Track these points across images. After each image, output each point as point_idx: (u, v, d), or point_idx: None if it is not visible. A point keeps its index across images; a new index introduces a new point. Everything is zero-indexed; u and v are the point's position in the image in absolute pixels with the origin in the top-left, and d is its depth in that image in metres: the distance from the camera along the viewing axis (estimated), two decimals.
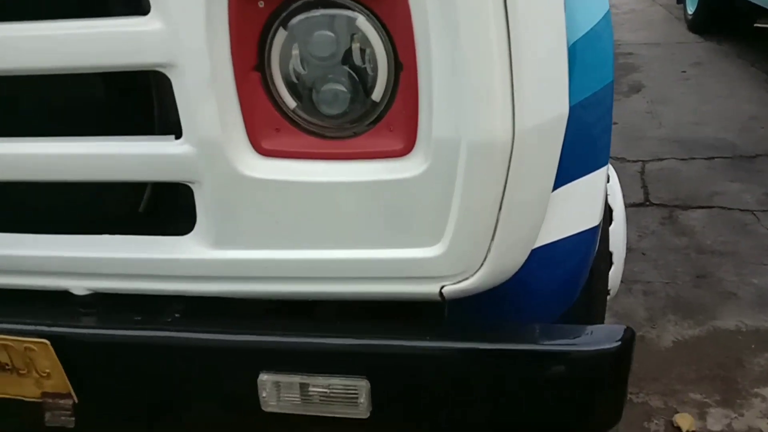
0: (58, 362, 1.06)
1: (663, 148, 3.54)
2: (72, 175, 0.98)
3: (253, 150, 0.93)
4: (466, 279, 0.95)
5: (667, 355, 2.02)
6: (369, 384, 0.99)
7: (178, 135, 0.92)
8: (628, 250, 2.64)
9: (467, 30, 0.79)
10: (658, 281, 2.38)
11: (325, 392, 1.00)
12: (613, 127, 1.26)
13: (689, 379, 1.94)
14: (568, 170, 1.07)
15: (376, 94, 0.88)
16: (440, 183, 0.89)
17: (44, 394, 1.10)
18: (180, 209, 1.00)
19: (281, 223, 0.96)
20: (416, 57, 0.84)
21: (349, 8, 0.85)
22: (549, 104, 0.87)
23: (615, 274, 1.67)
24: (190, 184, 0.96)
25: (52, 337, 1.04)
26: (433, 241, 0.93)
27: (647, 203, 2.96)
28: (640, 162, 3.37)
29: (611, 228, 1.62)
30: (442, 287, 0.96)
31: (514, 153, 0.85)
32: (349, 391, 0.99)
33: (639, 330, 2.13)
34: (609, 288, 1.69)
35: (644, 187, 3.11)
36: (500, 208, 0.89)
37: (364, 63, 0.87)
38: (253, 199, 0.95)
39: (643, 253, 2.59)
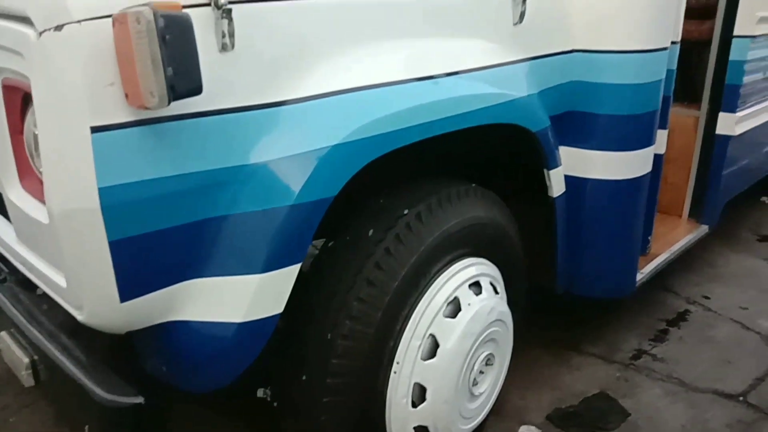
0: None
1: None
2: None
3: (19, 185, 1.43)
4: (82, 314, 1.29)
5: None
6: (31, 362, 1.40)
7: None
8: None
9: None
10: None
11: (18, 359, 1.44)
12: None
13: None
14: (198, 267, 1.30)
15: None
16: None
17: None
18: None
19: (33, 238, 1.44)
20: None
21: None
22: (67, 199, 1.17)
23: (430, 412, 1.63)
24: None
25: None
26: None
27: None
28: None
29: (430, 362, 1.61)
30: (79, 313, 1.32)
31: (54, 226, 1.19)
32: (22, 363, 1.41)
33: None
34: (424, 425, 1.66)
35: None
36: (67, 267, 1.23)
37: None
38: (19, 218, 1.45)
39: None
